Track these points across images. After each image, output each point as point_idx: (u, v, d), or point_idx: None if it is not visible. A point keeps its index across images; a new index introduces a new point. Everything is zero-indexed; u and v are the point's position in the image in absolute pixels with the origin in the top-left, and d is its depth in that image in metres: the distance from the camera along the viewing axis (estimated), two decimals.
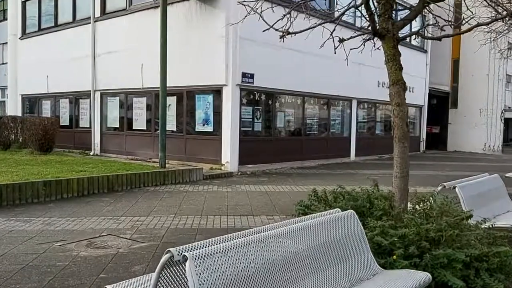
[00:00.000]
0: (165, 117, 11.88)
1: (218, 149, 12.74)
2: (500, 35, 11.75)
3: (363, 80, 17.45)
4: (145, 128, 15.14)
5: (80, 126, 17.45)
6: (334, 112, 16.63)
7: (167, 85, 11.86)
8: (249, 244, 2.79)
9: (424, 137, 22.69)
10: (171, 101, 14.15)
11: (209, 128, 13.09)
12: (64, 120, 17.87)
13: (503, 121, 23.98)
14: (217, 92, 12.86)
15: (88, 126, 16.72)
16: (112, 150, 15.82)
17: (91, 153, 16.06)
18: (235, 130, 12.61)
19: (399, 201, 4.91)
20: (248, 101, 13.20)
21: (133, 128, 15.44)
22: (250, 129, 13.32)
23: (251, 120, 13.27)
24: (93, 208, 7.78)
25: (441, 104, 24.44)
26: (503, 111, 24.11)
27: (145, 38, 14.19)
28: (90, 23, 16.00)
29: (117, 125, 16.07)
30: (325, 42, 5.49)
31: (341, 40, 5.40)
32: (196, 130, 13.44)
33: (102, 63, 15.87)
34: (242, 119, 12.91)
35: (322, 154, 15.91)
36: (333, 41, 5.40)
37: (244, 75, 12.59)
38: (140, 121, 15.25)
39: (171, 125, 14.15)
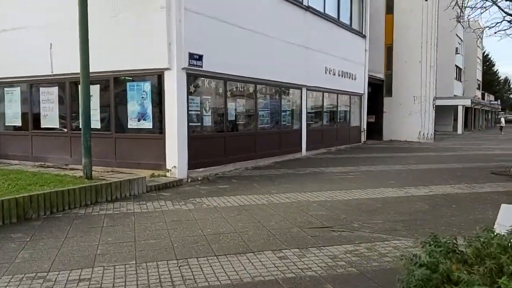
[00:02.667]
0: (88, 112, 8.93)
1: (162, 151, 10.07)
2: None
3: (312, 67, 15.67)
4: (57, 126, 11.90)
5: None
6: (285, 103, 14.63)
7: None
8: None
9: (365, 127, 21.69)
10: (93, 91, 11.08)
11: (148, 125, 10.33)
12: None
13: (434, 108, 23.86)
14: (157, 78, 10.14)
15: None
16: (14, 156, 12.32)
17: None
18: (183, 126, 10.03)
19: None
20: (195, 90, 10.66)
21: (42, 126, 12.09)
22: (199, 124, 10.81)
23: (199, 113, 10.75)
24: None
25: (375, 92, 23.69)
26: (435, 99, 24.00)
27: (55, 8, 10.95)
28: None
29: (19, 124, 12.55)
30: None
31: None
32: (130, 127, 10.60)
33: None
34: (189, 112, 10.35)
35: (275, 150, 13.85)
36: None
37: (191, 56, 10.03)
38: (50, 117, 11.95)
39: (94, 122, 11.14)
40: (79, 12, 8.61)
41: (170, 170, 9.93)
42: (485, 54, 75.50)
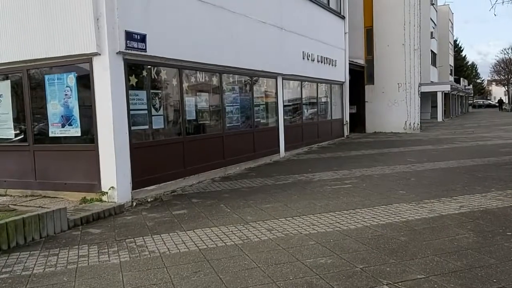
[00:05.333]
0: None
1: (95, 167, 7.38)
2: None
3: (287, 51, 13.18)
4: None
5: None
6: (257, 95, 12.09)
7: None
8: None
9: (348, 119, 19.38)
10: (2, 89, 8.35)
11: (74, 131, 7.61)
12: None
13: (420, 95, 21.80)
14: (84, 67, 7.43)
15: None
16: None
17: None
18: (122, 131, 7.37)
19: None
20: (139, 82, 8.00)
21: None
22: (146, 127, 8.16)
23: (146, 112, 8.11)
24: None
25: (356, 80, 21.37)
26: (420, 85, 21.95)
27: None
28: None
29: None
30: None
31: None
32: (52, 135, 7.86)
33: None
34: (132, 112, 7.70)
35: (248, 154, 11.31)
36: None
37: (129, 36, 7.36)
38: None
39: (5, 130, 8.39)
40: None
41: (107, 193, 7.26)
42: (454, 39, 74.96)
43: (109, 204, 7.10)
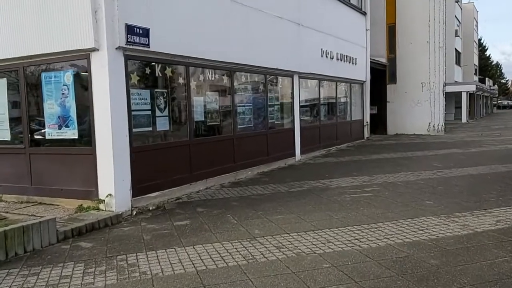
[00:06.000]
0: None
1: (92, 172, 6.81)
2: None
3: (305, 48, 12.45)
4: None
5: None
6: (272, 95, 11.40)
7: None
8: None
9: (368, 121, 18.53)
10: None
11: (72, 133, 7.07)
12: None
13: (444, 95, 20.78)
14: (81, 64, 6.87)
15: None
16: None
17: None
18: (121, 134, 6.78)
19: None
20: (142, 80, 7.41)
21: None
22: (150, 129, 7.55)
23: (150, 113, 7.51)
24: None
25: (377, 79, 20.47)
26: (445, 84, 20.92)
27: None
28: None
29: None
30: None
31: None
32: (48, 137, 7.33)
33: None
34: (133, 113, 7.11)
35: (261, 157, 10.64)
36: None
37: (130, 30, 6.77)
38: None
39: (1, 131, 7.91)
40: None
41: (104, 201, 6.68)
42: (478, 38, 72.80)
43: (106, 213, 6.52)
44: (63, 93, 7.04)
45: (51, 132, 7.25)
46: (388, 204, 7.01)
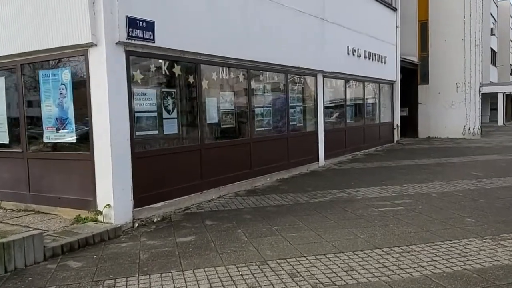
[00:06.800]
0: None
1: (90, 180, 6.19)
2: None
3: (330, 45, 11.59)
4: None
5: None
6: (294, 95, 10.59)
7: None
8: None
9: (398, 123, 17.46)
10: None
11: (69, 136, 6.47)
12: None
13: (481, 97, 19.48)
14: (78, 62, 6.26)
15: None
16: None
17: None
18: (122, 138, 6.12)
19: None
20: (147, 79, 6.74)
21: None
22: (156, 132, 6.88)
23: (156, 115, 6.84)
24: None
25: (408, 79, 19.35)
26: (481, 85, 19.61)
27: None
28: None
29: None
30: None
31: None
32: (46, 140, 6.76)
33: None
34: (137, 115, 6.46)
35: (280, 162, 9.85)
36: None
37: (132, 23, 6.11)
38: None
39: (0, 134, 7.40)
40: None
41: (102, 212, 6.04)
42: None
43: (104, 226, 5.87)
44: (61, 93, 6.44)
45: (49, 135, 6.67)
46: (422, 221, 6.11)
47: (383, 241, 5.29)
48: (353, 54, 13.03)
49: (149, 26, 6.35)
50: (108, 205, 5.99)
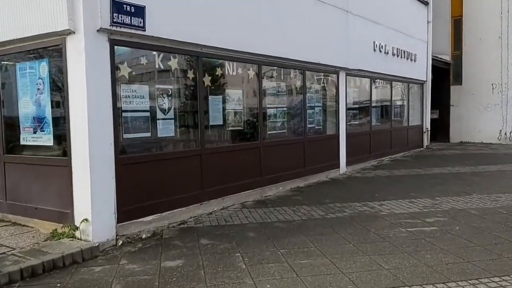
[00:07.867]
0: None
1: (67, 189, 5.32)
2: None
3: (354, 41, 10.50)
4: None
5: None
6: (312, 95, 9.56)
7: None
8: None
9: (429, 126, 16.16)
10: None
11: (47, 139, 5.64)
12: None
13: None
14: (56, 52, 5.42)
15: None
16: None
17: None
18: (103, 141, 5.23)
19: None
20: (137, 73, 5.85)
21: None
22: (148, 134, 5.98)
23: (148, 115, 5.94)
24: None
25: (440, 79, 17.98)
26: None
27: None
28: None
29: None
30: None
31: None
32: (23, 143, 5.96)
33: None
34: (124, 114, 5.57)
35: (295, 169, 8.82)
36: None
37: (117, 7, 5.22)
38: None
39: None
40: None
41: (78, 228, 5.17)
42: None
43: (79, 245, 4.99)
44: (38, 88, 5.63)
45: (26, 136, 5.87)
46: (461, 247, 5.01)
47: (413, 275, 4.22)
48: (380, 51, 11.89)
49: (139, 11, 5.46)
50: (86, 219, 5.11)
